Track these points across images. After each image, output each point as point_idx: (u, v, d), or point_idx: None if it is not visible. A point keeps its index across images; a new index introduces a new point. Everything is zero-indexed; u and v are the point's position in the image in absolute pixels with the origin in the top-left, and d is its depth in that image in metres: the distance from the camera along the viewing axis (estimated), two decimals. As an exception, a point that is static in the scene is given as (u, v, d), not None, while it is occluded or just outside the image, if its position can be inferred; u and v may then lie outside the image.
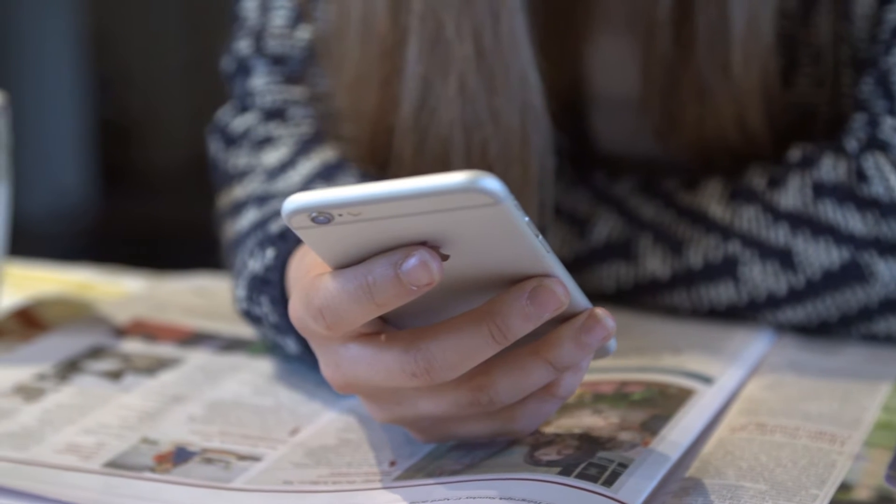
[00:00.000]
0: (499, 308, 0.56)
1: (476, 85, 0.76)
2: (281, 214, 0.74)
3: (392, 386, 0.59)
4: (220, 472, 0.64)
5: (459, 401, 0.59)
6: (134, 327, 0.83)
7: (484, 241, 0.55)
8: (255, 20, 0.89)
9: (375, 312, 0.56)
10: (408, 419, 0.62)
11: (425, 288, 0.55)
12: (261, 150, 0.85)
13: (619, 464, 0.61)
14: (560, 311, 0.56)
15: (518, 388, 0.59)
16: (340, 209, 0.53)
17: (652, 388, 0.70)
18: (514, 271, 0.57)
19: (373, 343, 0.58)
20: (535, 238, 0.55)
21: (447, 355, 0.57)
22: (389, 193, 0.52)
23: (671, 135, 0.83)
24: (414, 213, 0.53)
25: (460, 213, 0.53)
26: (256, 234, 0.76)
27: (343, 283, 0.56)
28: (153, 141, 3.39)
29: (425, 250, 0.54)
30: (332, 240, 0.55)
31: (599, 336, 0.58)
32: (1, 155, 0.80)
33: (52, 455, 0.66)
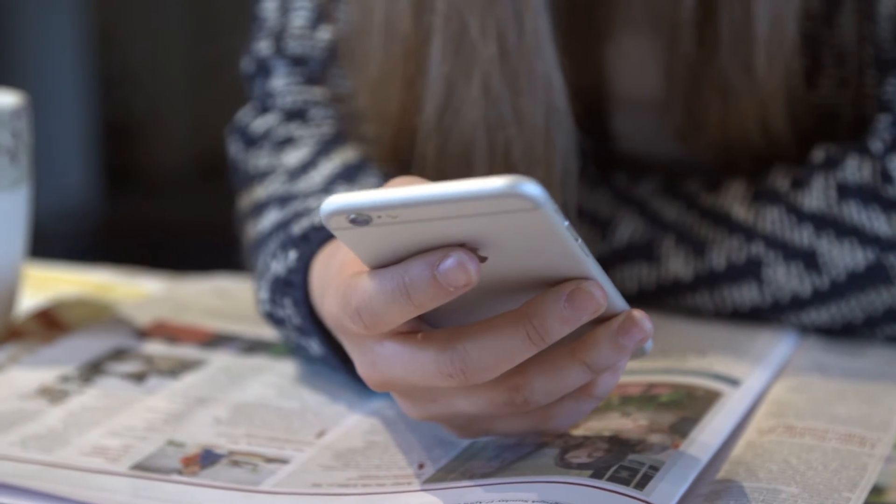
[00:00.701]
0: (536, 310, 0.56)
1: (500, 86, 0.76)
2: (302, 218, 0.75)
3: (428, 385, 0.59)
4: (247, 474, 0.64)
5: (495, 400, 0.59)
6: (155, 329, 0.82)
7: (522, 244, 0.54)
8: (274, 21, 0.89)
9: (413, 313, 0.56)
10: (443, 417, 0.62)
11: (462, 289, 0.54)
12: (282, 151, 0.84)
13: (650, 466, 0.60)
14: (598, 314, 0.56)
15: (554, 388, 0.59)
16: (379, 211, 0.53)
17: (679, 390, 0.69)
18: (552, 274, 0.56)
19: (409, 342, 0.58)
20: (575, 241, 0.54)
21: (483, 356, 0.56)
22: (428, 197, 0.52)
23: (694, 135, 0.83)
24: (452, 217, 0.53)
25: (499, 217, 0.53)
26: (279, 235, 0.76)
27: (380, 284, 0.55)
28: (157, 141, 3.39)
29: (463, 251, 0.54)
30: (369, 241, 0.55)
31: (637, 338, 0.58)
32: (23, 156, 0.79)
33: (79, 457, 0.65)
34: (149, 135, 3.39)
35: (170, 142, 3.39)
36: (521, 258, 0.55)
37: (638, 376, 0.71)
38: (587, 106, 0.84)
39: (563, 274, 0.56)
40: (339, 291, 0.58)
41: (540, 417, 0.61)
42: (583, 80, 0.82)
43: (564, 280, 0.56)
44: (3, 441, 0.67)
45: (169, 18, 3.37)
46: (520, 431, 0.62)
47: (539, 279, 0.57)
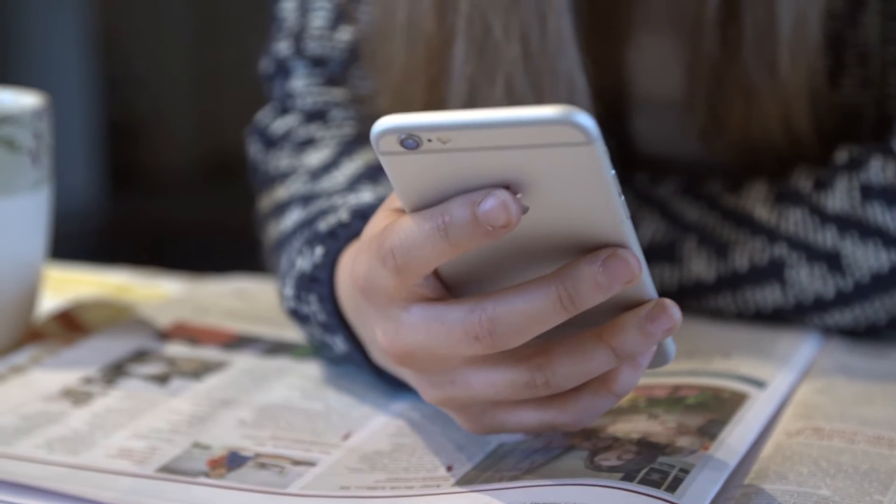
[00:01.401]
0: (570, 273, 0.55)
1: (523, 86, 0.76)
2: (328, 215, 0.75)
3: (452, 351, 0.58)
4: (274, 477, 0.63)
5: (516, 380, 0.58)
6: (176, 330, 0.82)
7: (566, 190, 0.54)
8: (294, 21, 0.88)
9: (449, 254, 0.55)
10: (459, 401, 0.61)
11: (501, 231, 0.54)
12: (303, 152, 0.84)
13: (680, 469, 0.60)
14: (632, 284, 0.56)
15: (577, 371, 0.58)
16: (431, 133, 0.52)
17: (706, 392, 0.69)
18: (588, 236, 0.56)
19: (437, 306, 0.57)
20: (618, 196, 0.54)
21: (512, 318, 0.56)
22: (482, 120, 0.51)
23: (716, 136, 0.82)
24: (502, 147, 0.52)
25: (549, 152, 0.52)
26: (303, 232, 0.76)
27: (419, 223, 0.55)
28: (161, 141, 3.39)
29: (505, 191, 0.54)
30: (414, 171, 0.54)
31: (665, 326, 0.57)
32: (44, 157, 0.79)
33: (105, 460, 0.65)
34: (153, 135, 3.39)
35: (174, 142, 3.39)
36: (561, 210, 0.55)
37: (664, 378, 0.71)
38: (607, 106, 0.83)
39: (600, 237, 0.56)
40: (372, 243, 0.57)
41: (556, 410, 0.61)
42: (603, 81, 0.82)
43: (597, 248, 0.56)
44: (29, 443, 0.67)
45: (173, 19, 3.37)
46: (532, 426, 0.62)
47: (573, 243, 0.56)
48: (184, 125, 3.41)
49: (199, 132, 3.42)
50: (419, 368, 0.60)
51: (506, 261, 0.56)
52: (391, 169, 0.55)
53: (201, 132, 3.41)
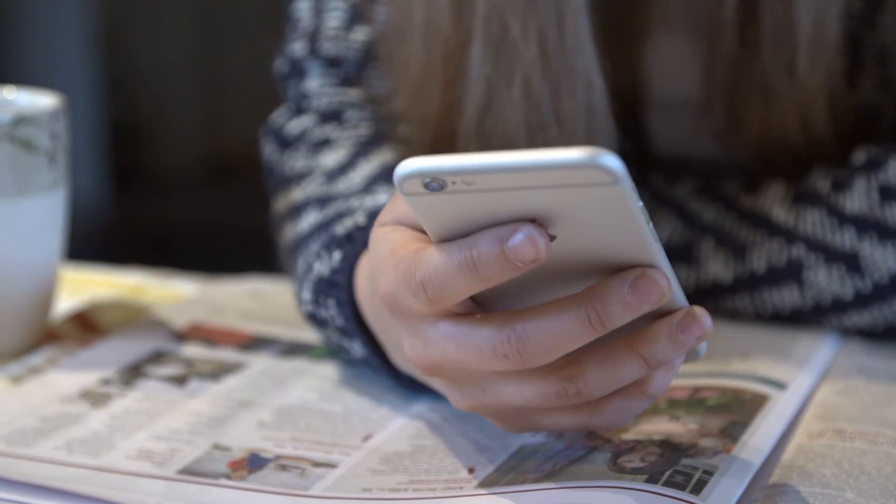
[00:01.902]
0: (599, 294, 0.55)
1: (541, 87, 0.75)
2: (345, 218, 0.74)
3: (481, 368, 0.58)
4: (296, 479, 0.63)
5: (547, 390, 0.58)
6: (192, 331, 0.82)
7: (593, 222, 0.54)
8: (308, 22, 0.88)
9: (479, 287, 0.55)
10: (491, 407, 0.61)
11: (531, 265, 0.54)
12: (318, 153, 0.84)
13: (704, 471, 0.60)
14: (661, 303, 0.56)
15: (608, 381, 0.58)
16: (455, 177, 0.52)
17: (727, 393, 0.69)
18: (617, 258, 0.56)
19: (465, 322, 0.57)
20: (647, 225, 0.54)
21: (542, 338, 0.56)
22: (507, 164, 0.51)
23: (734, 136, 0.82)
24: (527, 187, 0.52)
25: (575, 191, 0.52)
26: (320, 235, 0.76)
27: (448, 257, 0.55)
28: (164, 141, 3.38)
29: (533, 226, 0.53)
30: (439, 210, 0.54)
31: (696, 335, 0.57)
32: (60, 158, 0.79)
33: (125, 461, 0.65)
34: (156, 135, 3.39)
35: (177, 142, 3.39)
36: (589, 239, 0.55)
37: (684, 380, 0.71)
38: (623, 107, 0.83)
39: (629, 260, 0.56)
40: (399, 267, 0.57)
41: (589, 413, 0.61)
42: (620, 81, 0.81)
43: (627, 267, 0.56)
44: (48, 445, 0.66)
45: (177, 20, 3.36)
46: (568, 427, 0.62)
47: (602, 265, 0.56)
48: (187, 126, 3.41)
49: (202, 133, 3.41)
50: (449, 379, 0.60)
51: (533, 277, 0.56)
52: (416, 208, 0.55)
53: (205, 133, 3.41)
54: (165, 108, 3.39)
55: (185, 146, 3.40)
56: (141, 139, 3.38)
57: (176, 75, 3.38)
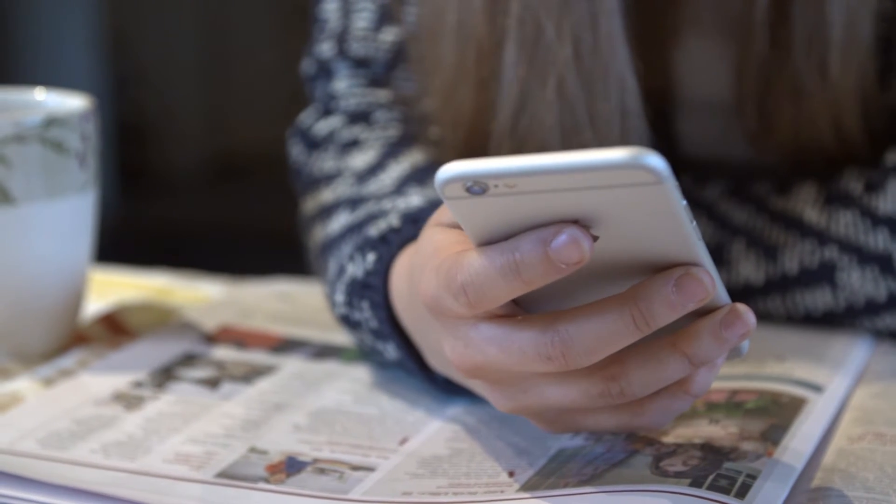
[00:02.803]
0: (643, 294, 0.55)
1: (575, 88, 0.75)
2: (378, 220, 0.74)
3: (523, 369, 0.57)
4: (334, 482, 0.63)
5: (590, 391, 0.58)
6: (222, 334, 0.82)
7: (636, 222, 0.53)
8: (336, 22, 0.88)
9: (521, 290, 0.55)
10: (533, 409, 0.61)
11: (574, 266, 0.53)
12: (347, 154, 0.84)
13: (747, 475, 0.60)
14: (705, 301, 0.55)
15: (652, 380, 0.58)
16: (497, 180, 0.52)
17: (764, 396, 0.69)
18: (660, 258, 0.55)
19: (507, 324, 0.57)
20: (690, 223, 0.54)
21: (586, 339, 0.55)
22: (549, 166, 0.51)
23: (765, 138, 0.82)
24: (570, 189, 0.52)
25: (618, 191, 0.52)
26: (353, 237, 0.75)
27: (490, 260, 0.54)
28: (170, 142, 3.38)
29: (576, 227, 0.53)
30: (481, 213, 0.54)
31: (739, 332, 0.57)
32: (91, 159, 0.79)
33: (163, 465, 0.65)
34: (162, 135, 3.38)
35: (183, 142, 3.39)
36: (632, 238, 0.55)
37: (721, 382, 0.70)
38: (653, 109, 0.83)
39: (671, 259, 0.55)
40: (440, 270, 0.57)
41: (632, 413, 0.60)
42: (650, 83, 0.81)
43: (669, 266, 0.56)
44: (84, 448, 0.66)
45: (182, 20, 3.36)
46: (610, 427, 0.61)
47: (645, 263, 0.56)
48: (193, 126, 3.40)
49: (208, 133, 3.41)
50: (490, 381, 0.60)
51: (575, 278, 0.55)
52: (457, 212, 0.54)
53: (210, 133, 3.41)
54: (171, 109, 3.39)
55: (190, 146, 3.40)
56: (147, 139, 3.38)
57: (182, 75, 3.38)
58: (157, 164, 3.39)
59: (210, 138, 3.41)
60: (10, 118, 0.74)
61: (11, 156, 0.74)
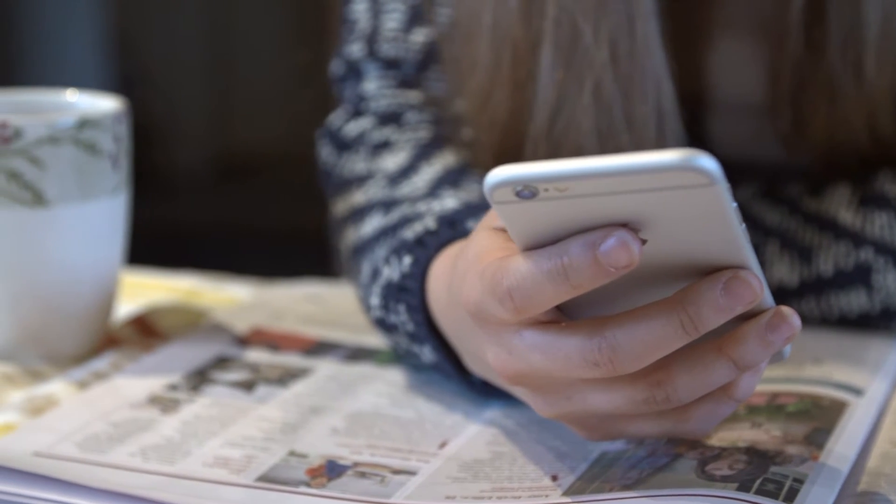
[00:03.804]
0: (691, 298, 0.54)
1: (612, 91, 0.75)
2: (413, 223, 0.74)
3: (569, 376, 0.57)
4: (376, 486, 0.63)
5: (634, 397, 0.58)
6: (254, 336, 0.81)
7: (685, 224, 0.53)
8: (366, 23, 0.87)
9: (569, 295, 0.54)
10: (576, 415, 0.60)
11: (623, 270, 0.53)
12: (378, 156, 0.83)
13: (794, 479, 0.59)
14: (753, 304, 0.55)
15: (697, 386, 0.57)
16: (548, 184, 0.51)
17: (805, 399, 0.68)
18: (706, 261, 0.55)
19: (552, 330, 0.56)
20: (740, 226, 0.53)
21: (633, 345, 0.55)
22: (601, 169, 0.50)
23: (799, 139, 0.81)
24: (621, 192, 0.51)
25: (668, 194, 0.51)
26: (387, 240, 0.75)
27: (537, 264, 0.54)
28: (175, 142, 3.38)
29: (625, 231, 0.53)
30: (529, 217, 0.53)
31: (785, 335, 0.57)
32: (123, 161, 0.78)
33: (202, 468, 0.64)
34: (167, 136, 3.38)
35: (187, 143, 3.38)
36: (680, 241, 0.54)
37: (760, 385, 0.69)
38: (685, 110, 0.83)
39: (718, 262, 0.55)
40: (484, 275, 0.56)
41: (676, 419, 0.60)
42: (682, 85, 0.81)
43: (715, 269, 0.55)
44: (123, 451, 0.66)
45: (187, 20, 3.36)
46: (653, 434, 0.61)
47: (691, 267, 0.55)
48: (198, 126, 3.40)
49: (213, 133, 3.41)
50: (533, 388, 0.60)
51: (620, 282, 0.55)
52: (505, 216, 0.54)
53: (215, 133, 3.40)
54: (176, 109, 3.39)
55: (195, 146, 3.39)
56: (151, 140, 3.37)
57: (187, 76, 3.38)
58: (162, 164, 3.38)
59: (215, 139, 3.41)
60: (44, 119, 0.74)
61: (45, 157, 0.74)
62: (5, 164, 0.73)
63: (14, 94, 0.81)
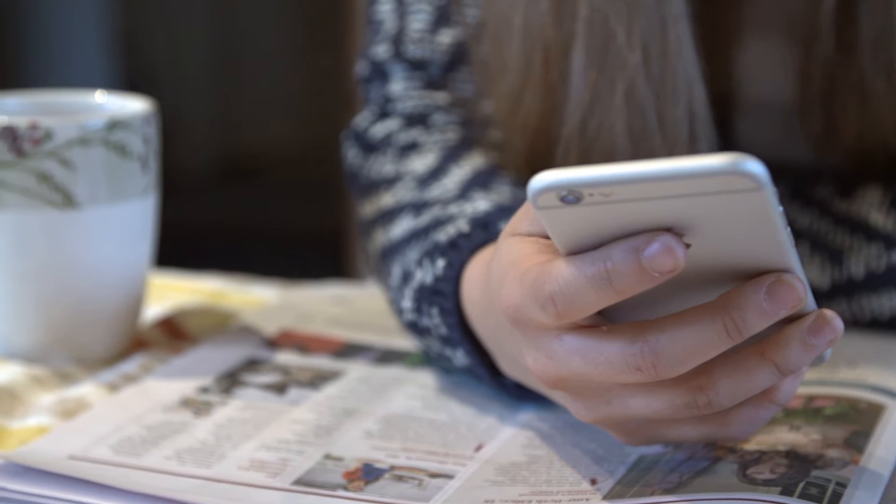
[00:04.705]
0: (735, 302, 0.54)
1: (645, 93, 0.74)
2: (446, 225, 0.73)
3: (610, 380, 0.57)
4: (414, 490, 0.62)
5: (675, 402, 0.57)
6: (283, 338, 0.81)
7: (730, 228, 0.53)
8: (392, 24, 0.87)
9: (612, 300, 0.54)
10: (615, 420, 0.60)
11: (667, 275, 0.53)
12: (406, 157, 0.83)
13: (837, 483, 0.59)
14: (797, 309, 0.55)
15: (739, 390, 0.57)
16: (593, 188, 0.51)
17: (842, 402, 0.68)
18: (749, 264, 0.55)
19: (593, 334, 0.56)
20: (785, 230, 0.53)
21: (676, 349, 0.54)
22: (648, 174, 0.50)
23: (829, 140, 0.81)
24: (666, 196, 0.51)
25: (714, 198, 0.51)
26: (419, 242, 0.75)
27: (580, 270, 0.54)
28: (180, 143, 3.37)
29: (669, 235, 0.52)
30: (572, 222, 0.53)
31: (828, 338, 0.56)
32: (152, 163, 0.78)
33: (238, 472, 0.64)
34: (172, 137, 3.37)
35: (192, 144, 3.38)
36: (723, 245, 0.54)
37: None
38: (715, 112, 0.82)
39: (762, 265, 0.55)
40: (525, 279, 0.56)
41: (717, 424, 0.60)
42: (711, 86, 0.81)
43: (758, 273, 0.55)
44: (158, 455, 0.65)
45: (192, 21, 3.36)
46: (693, 439, 0.61)
47: (733, 271, 0.55)
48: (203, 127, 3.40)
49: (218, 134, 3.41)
50: (573, 392, 0.59)
51: (662, 286, 0.55)
52: (548, 221, 0.54)
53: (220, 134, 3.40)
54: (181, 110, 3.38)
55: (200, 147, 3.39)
56: (157, 140, 3.37)
57: (192, 77, 3.37)
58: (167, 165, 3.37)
59: (219, 140, 3.40)
60: (74, 121, 0.74)
61: (75, 159, 0.74)
62: (36, 166, 0.73)
63: (41, 96, 0.81)
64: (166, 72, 3.35)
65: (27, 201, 0.73)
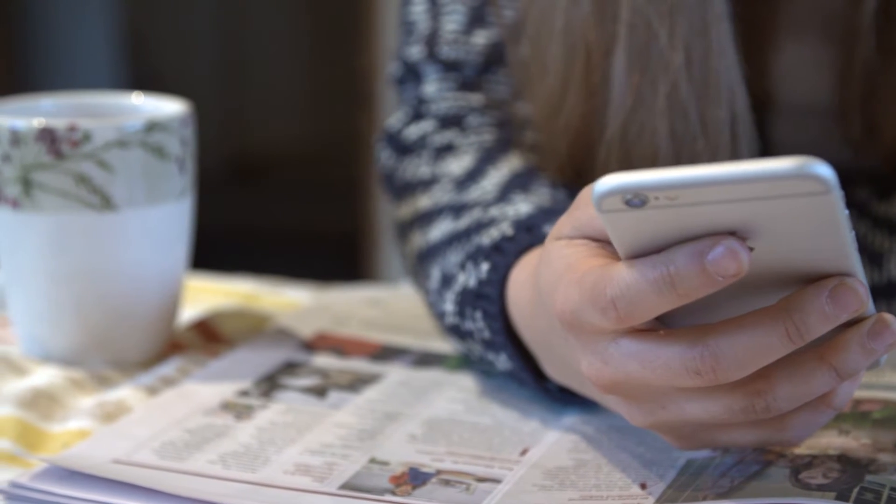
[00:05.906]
0: (797, 305, 0.54)
1: (687, 95, 0.74)
2: (489, 228, 0.73)
3: (667, 384, 0.56)
4: (462, 494, 0.62)
5: (732, 406, 0.57)
6: (319, 341, 0.80)
7: (794, 232, 0.52)
8: (425, 25, 0.87)
9: (674, 304, 0.53)
10: (670, 424, 0.59)
11: (731, 279, 0.52)
12: (442, 159, 0.82)
13: (891, 488, 0.58)
14: (859, 313, 0.54)
15: (798, 394, 0.56)
16: (658, 192, 0.50)
17: (890, 406, 0.68)
18: (812, 268, 0.54)
19: (650, 338, 0.56)
20: (850, 233, 0.53)
21: (737, 353, 0.54)
22: (716, 177, 0.50)
23: (868, 142, 0.81)
24: (732, 200, 0.51)
25: (780, 201, 0.50)
26: (461, 245, 0.74)
27: (642, 274, 0.53)
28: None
29: (733, 239, 0.52)
30: (635, 225, 0.53)
31: (888, 342, 0.56)
32: (190, 164, 0.77)
33: (284, 476, 0.63)
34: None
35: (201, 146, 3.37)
36: (787, 249, 0.53)
37: (842, 392, 0.69)
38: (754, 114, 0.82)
39: (824, 269, 0.54)
40: (583, 284, 0.56)
41: (774, 429, 0.59)
42: (748, 88, 0.80)
43: (819, 277, 0.54)
44: (202, 459, 0.65)
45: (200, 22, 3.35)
46: (748, 443, 0.60)
47: (795, 275, 0.55)
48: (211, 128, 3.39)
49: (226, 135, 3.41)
50: (627, 397, 0.59)
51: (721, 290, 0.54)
52: (611, 225, 0.53)
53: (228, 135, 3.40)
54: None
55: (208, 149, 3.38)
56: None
57: (200, 78, 3.37)
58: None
59: (228, 141, 3.40)
60: (113, 123, 0.73)
61: (113, 161, 0.73)
62: (74, 168, 0.73)
63: (78, 97, 0.80)
64: (174, 73, 3.34)
65: (65, 203, 0.73)
